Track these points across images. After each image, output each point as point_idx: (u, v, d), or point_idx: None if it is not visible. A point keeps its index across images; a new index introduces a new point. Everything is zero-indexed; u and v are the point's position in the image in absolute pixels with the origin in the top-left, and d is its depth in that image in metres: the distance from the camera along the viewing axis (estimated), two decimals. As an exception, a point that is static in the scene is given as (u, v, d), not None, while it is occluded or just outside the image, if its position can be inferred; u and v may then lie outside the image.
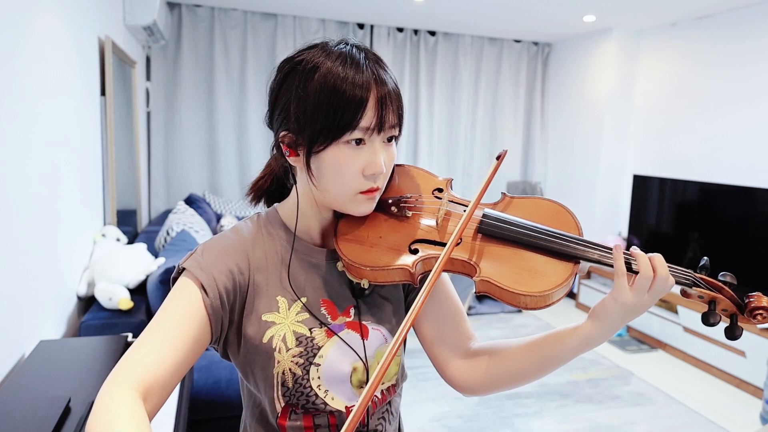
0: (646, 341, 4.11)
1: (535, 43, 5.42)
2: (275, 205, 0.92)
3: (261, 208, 0.95)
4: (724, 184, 3.85)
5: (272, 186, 0.94)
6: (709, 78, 4.07)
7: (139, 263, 2.40)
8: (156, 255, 2.83)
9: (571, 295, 5.08)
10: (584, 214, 4.91)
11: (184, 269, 0.80)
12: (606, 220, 4.86)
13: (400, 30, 5.01)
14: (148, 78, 4.48)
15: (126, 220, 3.38)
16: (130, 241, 3.17)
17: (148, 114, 4.51)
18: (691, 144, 4.22)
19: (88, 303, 2.39)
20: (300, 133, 0.78)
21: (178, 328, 0.73)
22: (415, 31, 5.05)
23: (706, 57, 4.10)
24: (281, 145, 0.82)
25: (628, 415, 3.01)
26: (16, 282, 1.61)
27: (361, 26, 4.89)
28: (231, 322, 0.82)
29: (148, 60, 4.46)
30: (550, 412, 3.01)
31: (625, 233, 4.76)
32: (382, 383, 0.87)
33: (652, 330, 4.07)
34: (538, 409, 3.02)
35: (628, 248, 0.79)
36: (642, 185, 4.49)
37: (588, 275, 4.86)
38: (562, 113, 5.34)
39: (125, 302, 2.20)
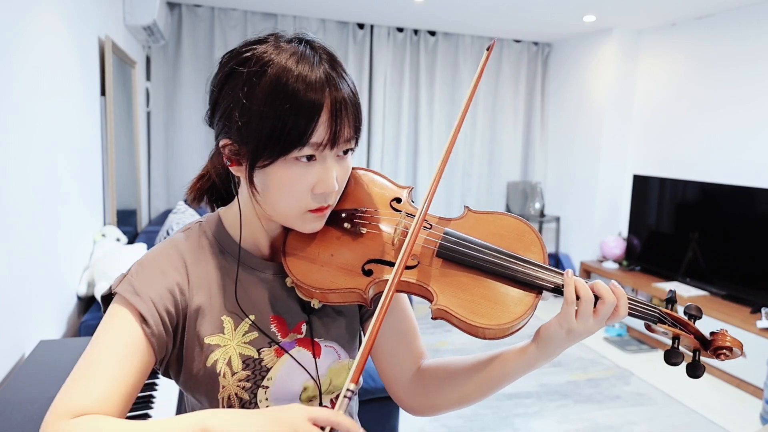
0: (646, 341, 4.11)
1: (535, 43, 5.42)
2: (218, 210, 0.84)
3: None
4: (724, 184, 3.85)
5: (213, 185, 0.88)
6: (709, 78, 4.07)
7: (139, 263, 2.39)
8: (156, 255, 2.83)
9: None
10: (584, 214, 4.91)
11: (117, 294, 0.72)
12: (606, 220, 4.86)
13: (400, 30, 5.00)
14: (148, 78, 4.47)
15: (126, 220, 3.38)
16: (130, 242, 3.16)
17: (148, 114, 4.50)
18: (691, 144, 4.22)
19: (88, 303, 2.39)
20: (243, 144, 0.70)
21: (121, 364, 0.66)
22: (415, 31, 5.05)
23: (706, 57, 4.10)
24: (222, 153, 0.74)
25: (628, 415, 3.01)
26: (17, 282, 1.61)
27: (361, 26, 4.89)
28: (174, 344, 0.76)
29: (148, 60, 4.46)
30: (550, 412, 3.01)
31: (625, 233, 4.76)
32: (331, 392, 0.83)
33: (652, 330, 4.07)
34: (538, 409, 3.02)
35: (630, 249, 0.79)
36: (642, 185, 4.48)
37: (588, 275, 4.86)
38: (562, 113, 5.33)
39: (125, 302, 2.19)
